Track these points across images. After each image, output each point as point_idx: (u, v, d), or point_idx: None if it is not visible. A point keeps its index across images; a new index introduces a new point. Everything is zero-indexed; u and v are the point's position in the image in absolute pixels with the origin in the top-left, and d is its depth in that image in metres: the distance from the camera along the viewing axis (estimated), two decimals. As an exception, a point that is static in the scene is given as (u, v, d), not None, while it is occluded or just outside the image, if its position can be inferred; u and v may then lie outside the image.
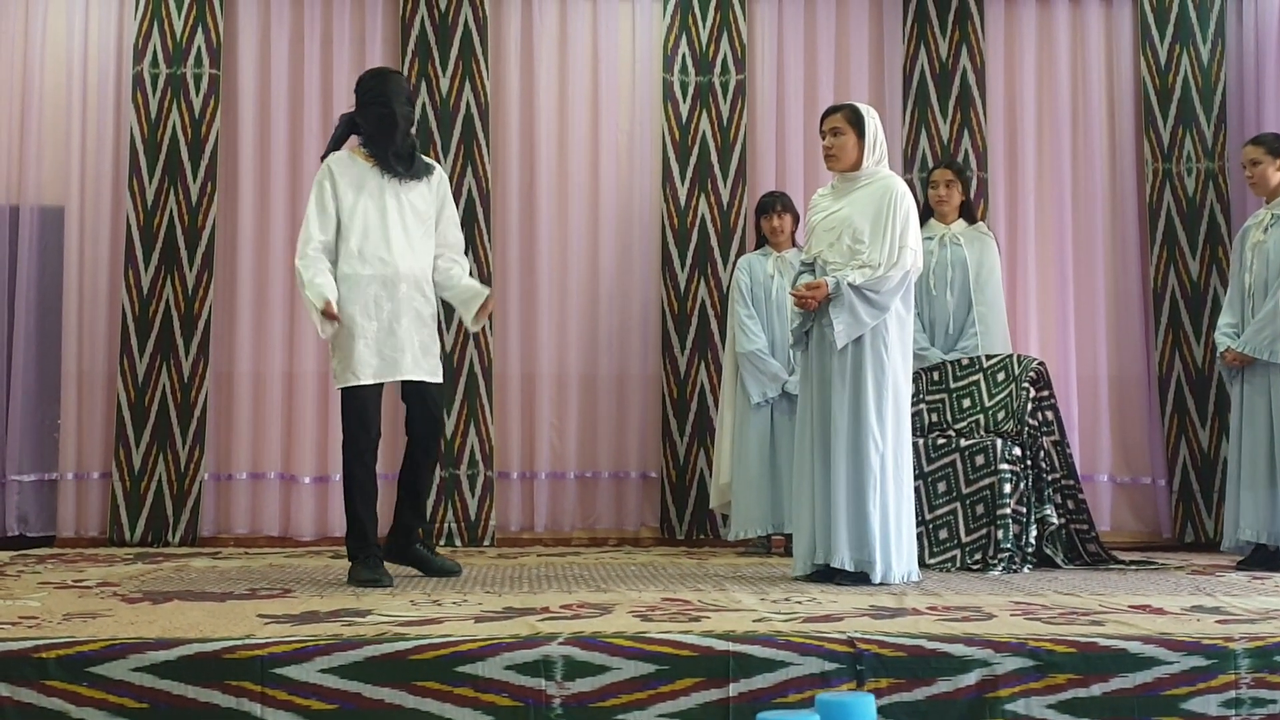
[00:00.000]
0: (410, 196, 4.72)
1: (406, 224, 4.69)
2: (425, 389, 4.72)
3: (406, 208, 4.71)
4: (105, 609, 3.80)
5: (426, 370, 4.71)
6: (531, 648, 3.05)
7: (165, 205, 6.58)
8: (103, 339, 6.60)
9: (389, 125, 4.66)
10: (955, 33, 6.95)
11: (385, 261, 4.64)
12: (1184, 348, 6.84)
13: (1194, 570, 5.37)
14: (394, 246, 4.65)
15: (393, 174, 4.68)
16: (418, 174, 4.75)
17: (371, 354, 4.60)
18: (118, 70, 6.71)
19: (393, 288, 4.63)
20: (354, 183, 4.67)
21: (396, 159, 4.68)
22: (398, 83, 4.76)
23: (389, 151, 4.67)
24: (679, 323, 6.75)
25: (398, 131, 4.66)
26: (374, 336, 4.61)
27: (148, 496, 6.46)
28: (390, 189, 4.68)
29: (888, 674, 3.07)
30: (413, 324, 4.67)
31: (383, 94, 4.67)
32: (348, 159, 4.73)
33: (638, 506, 6.79)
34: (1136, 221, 7.00)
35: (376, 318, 4.62)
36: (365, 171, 4.69)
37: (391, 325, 4.63)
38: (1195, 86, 6.97)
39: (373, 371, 4.61)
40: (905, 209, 4.76)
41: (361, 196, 4.65)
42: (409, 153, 4.74)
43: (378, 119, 4.68)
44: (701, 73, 6.87)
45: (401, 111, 4.68)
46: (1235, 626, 3.43)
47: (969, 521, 5.34)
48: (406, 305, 4.65)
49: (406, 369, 4.66)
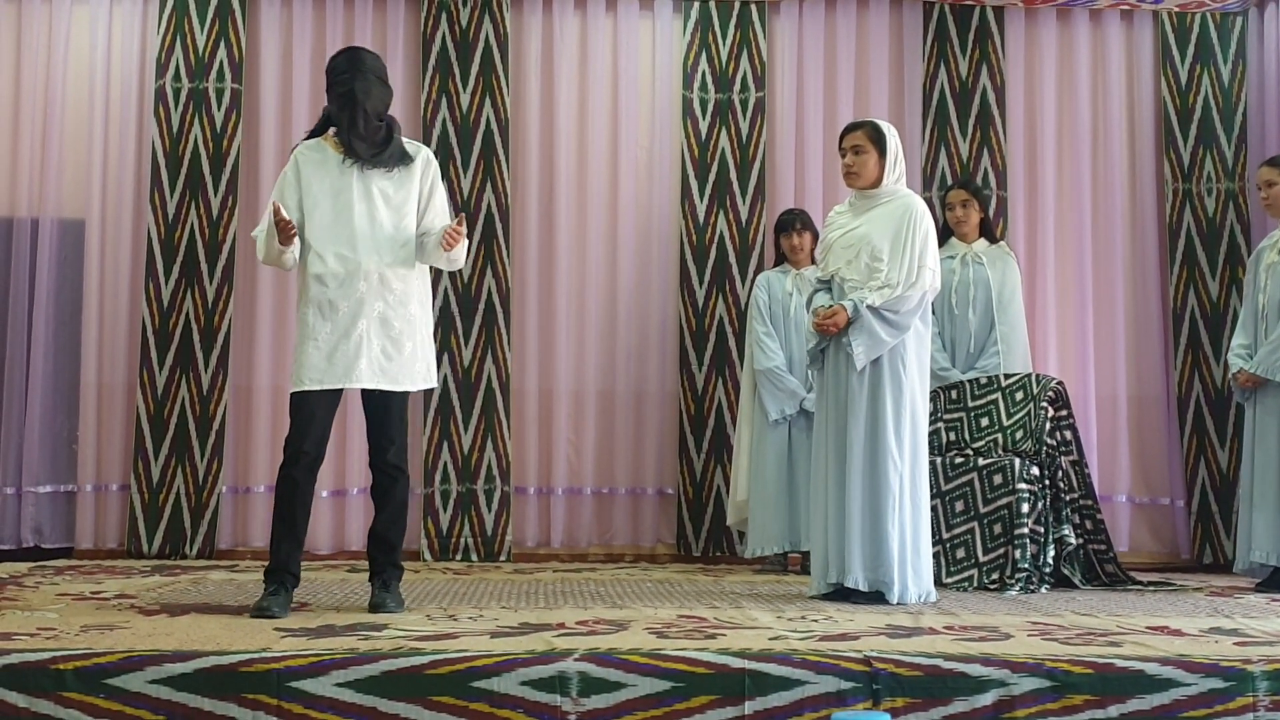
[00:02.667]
0: (382, 184, 4.27)
1: (374, 215, 4.24)
2: (388, 399, 4.24)
3: (376, 197, 4.25)
4: (122, 621, 3.82)
5: (389, 378, 4.21)
6: (547, 664, 3.05)
7: (186, 219, 6.61)
8: (122, 352, 6.63)
9: (348, 104, 4.21)
10: (975, 51, 6.95)
11: (344, 257, 4.20)
12: (1203, 368, 6.81)
13: (1212, 592, 5.34)
14: (357, 240, 4.21)
15: (355, 158, 4.24)
16: (391, 160, 4.28)
17: (321, 358, 4.16)
18: (140, 84, 6.75)
19: (350, 286, 4.18)
20: (319, 171, 4.28)
21: (359, 141, 4.22)
22: (363, 60, 4.28)
23: (352, 134, 4.22)
24: (697, 339, 6.75)
25: (358, 110, 4.20)
26: (326, 339, 4.17)
27: (166, 509, 6.48)
28: (359, 177, 4.25)
29: (904, 693, 3.06)
30: (374, 326, 4.19)
31: (344, 72, 4.24)
32: (316, 146, 4.35)
33: (654, 523, 6.78)
34: (1156, 241, 6.99)
35: (331, 318, 4.18)
36: (331, 159, 4.29)
37: (346, 328, 4.17)
38: (1216, 106, 6.96)
39: (320, 377, 4.16)
40: (925, 228, 4.76)
41: (325, 186, 4.25)
42: (379, 137, 4.28)
43: (339, 99, 4.24)
44: (721, 90, 6.88)
45: (361, 88, 4.20)
46: (1253, 649, 3.42)
47: (986, 541, 5.32)
48: (367, 305, 4.19)
49: (360, 376, 4.17)
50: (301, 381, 4.17)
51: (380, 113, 4.29)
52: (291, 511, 4.18)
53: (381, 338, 4.20)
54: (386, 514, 4.28)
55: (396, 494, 4.28)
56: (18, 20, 6.73)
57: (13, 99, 6.70)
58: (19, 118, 6.69)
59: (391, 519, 4.28)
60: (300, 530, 4.23)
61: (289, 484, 4.17)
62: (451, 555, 6.54)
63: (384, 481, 4.28)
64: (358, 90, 4.20)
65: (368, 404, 4.28)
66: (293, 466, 4.17)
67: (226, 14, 6.72)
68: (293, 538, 4.19)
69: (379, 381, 4.20)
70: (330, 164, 4.28)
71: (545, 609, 4.27)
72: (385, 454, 4.25)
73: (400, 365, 4.23)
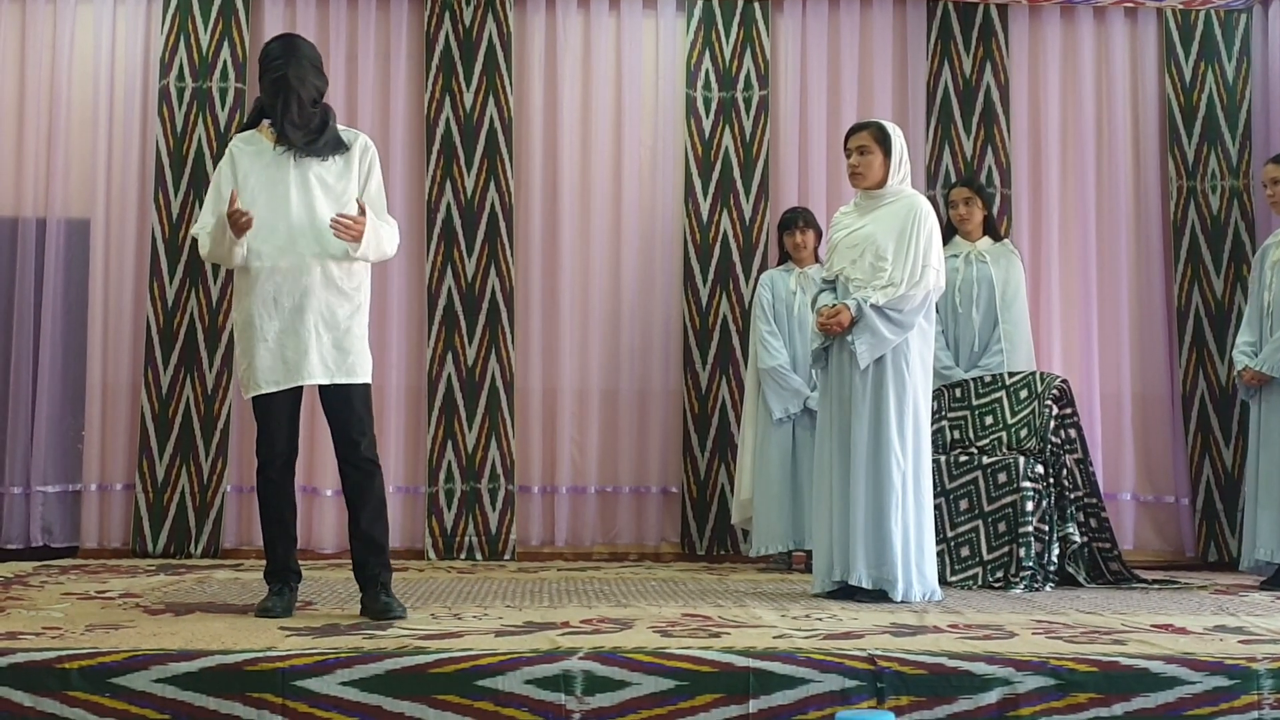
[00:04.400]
0: (319, 171, 4.10)
1: (312, 205, 4.07)
2: (349, 393, 4.08)
3: (314, 187, 4.09)
4: (128, 620, 3.82)
5: (341, 371, 4.06)
6: (551, 662, 3.05)
7: (190, 218, 6.60)
8: (127, 351, 6.64)
9: (282, 90, 4.04)
10: (979, 49, 6.95)
11: (283, 251, 4.03)
12: (1208, 366, 6.81)
13: (1217, 590, 5.34)
14: (294, 233, 4.04)
15: (289, 146, 4.06)
16: (326, 147, 4.11)
17: (274, 358, 4.03)
18: (144, 84, 6.75)
19: (293, 280, 4.03)
20: (254, 163, 4.11)
21: (293, 128, 4.05)
22: (298, 47, 4.13)
23: (285, 121, 4.05)
24: (700, 338, 6.75)
25: (292, 96, 4.04)
26: (275, 338, 4.03)
27: (171, 508, 6.49)
28: (294, 166, 4.08)
29: (908, 692, 3.06)
30: (320, 320, 4.04)
31: (278, 58, 4.08)
32: (250, 138, 4.19)
33: (658, 521, 6.78)
34: (1160, 239, 6.98)
35: (278, 315, 4.03)
36: (266, 149, 4.12)
37: (293, 324, 4.02)
38: (1220, 104, 6.96)
39: (275, 378, 4.04)
40: (929, 228, 4.76)
41: (261, 178, 4.08)
42: (314, 124, 4.10)
43: (272, 85, 4.07)
44: (725, 88, 6.88)
45: (295, 74, 4.05)
46: (1258, 647, 3.42)
47: (991, 539, 5.32)
48: (312, 299, 4.03)
49: (312, 372, 4.03)
50: (258, 386, 4.05)
51: (315, 99, 4.13)
52: (279, 512, 4.16)
53: (330, 331, 4.06)
54: (368, 512, 4.11)
55: (375, 490, 4.12)
56: (22, 20, 6.73)
57: (18, 99, 6.71)
58: (24, 118, 6.69)
59: (374, 516, 4.12)
60: (291, 527, 4.19)
61: (269, 486, 4.15)
62: (456, 554, 6.54)
63: (359, 478, 4.11)
64: (291, 76, 4.05)
65: (328, 401, 4.12)
66: (269, 469, 4.13)
67: (230, 14, 6.72)
68: (286, 536, 4.16)
69: (333, 376, 4.06)
70: (265, 154, 4.12)
71: (550, 608, 4.28)
72: (358, 448, 4.09)
73: (355, 357, 4.09)
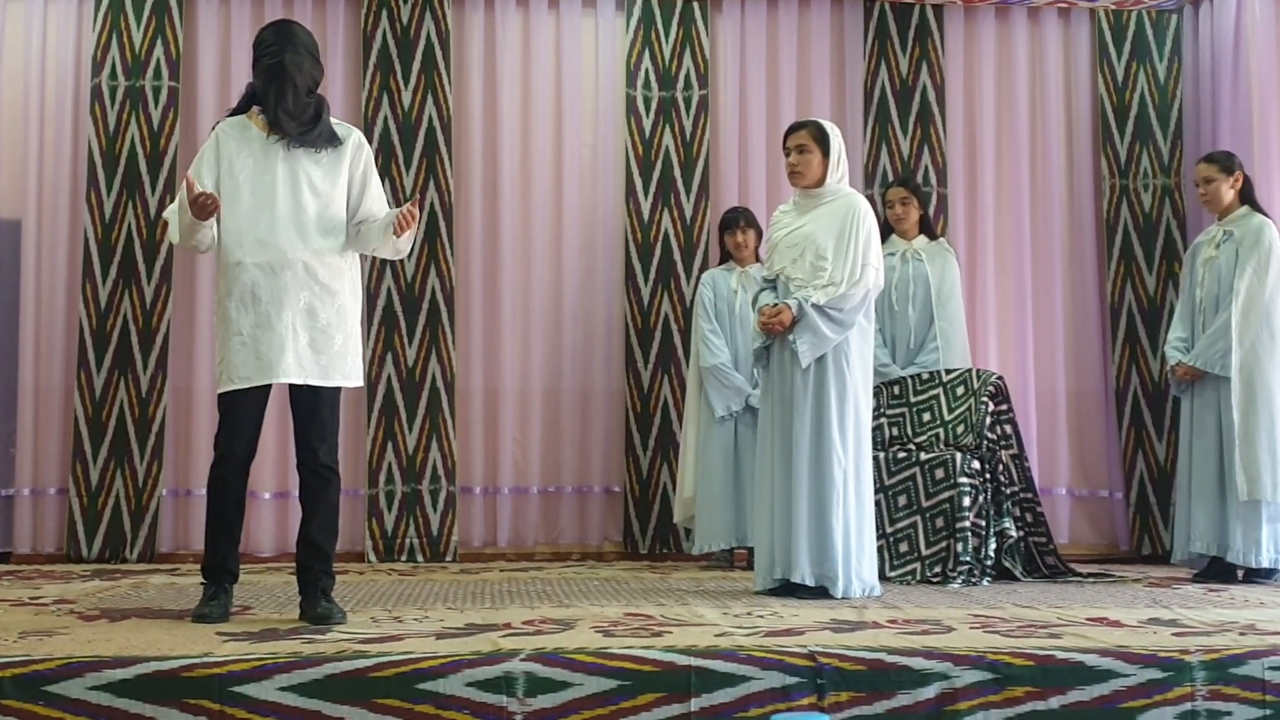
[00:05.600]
0: (308, 166, 4.00)
1: (299, 200, 3.98)
2: (317, 396, 3.99)
3: (301, 180, 3.99)
4: (62, 627, 3.77)
5: (316, 372, 3.96)
6: (493, 664, 3.04)
7: (124, 218, 6.53)
8: (60, 353, 6.54)
9: (277, 77, 3.94)
10: (915, 49, 7.00)
11: (265, 244, 3.93)
12: (1140, 362, 6.90)
13: (1151, 583, 5.42)
14: (279, 227, 3.94)
15: (283, 135, 3.96)
16: (320, 140, 4.01)
17: (248, 354, 3.91)
18: (76, 82, 6.66)
19: (273, 275, 3.92)
20: (241, 150, 4.00)
21: (287, 117, 3.95)
22: (294, 33, 4.02)
23: (279, 109, 3.94)
24: (642, 337, 6.75)
25: (288, 84, 3.94)
26: (250, 333, 3.92)
27: (105, 513, 6.40)
28: (284, 158, 3.98)
29: (848, 688, 3.08)
30: (298, 318, 3.93)
31: (273, 44, 3.97)
32: (239, 124, 4.06)
33: (601, 521, 6.79)
34: (1094, 237, 7.07)
35: (253, 310, 3.92)
36: (255, 138, 4.01)
37: (270, 320, 3.91)
38: (1152, 103, 7.05)
39: (248, 374, 3.92)
40: (868, 227, 4.80)
41: (247, 166, 3.98)
42: (308, 115, 4.00)
43: (266, 72, 3.96)
44: (664, 88, 6.89)
45: (292, 61, 3.94)
46: (1191, 639, 3.47)
47: (929, 534, 5.37)
48: (291, 295, 3.92)
49: (286, 370, 3.92)
50: (230, 381, 3.94)
51: (310, 89, 4.04)
52: (225, 512, 4.03)
53: (309, 330, 3.95)
54: (319, 519, 4.04)
55: (329, 497, 4.05)
56: (-50, 18, 6.63)
57: (-54, 98, 6.61)
58: (-48, 117, 6.59)
59: (324, 524, 4.05)
60: (235, 529, 4.08)
61: (220, 485, 4.01)
62: (396, 556, 6.51)
63: (315, 484, 4.03)
64: (288, 63, 3.94)
65: (296, 401, 4.03)
66: (223, 468, 4.01)
67: (163, 11, 6.64)
68: (229, 537, 4.04)
69: (307, 376, 3.95)
70: (254, 143, 4.01)
71: (491, 609, 4.27)
72: (316, 454, 4.01)
73: (330, 359, 3.98)
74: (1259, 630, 3.70)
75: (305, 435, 4.04)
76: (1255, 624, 3.86)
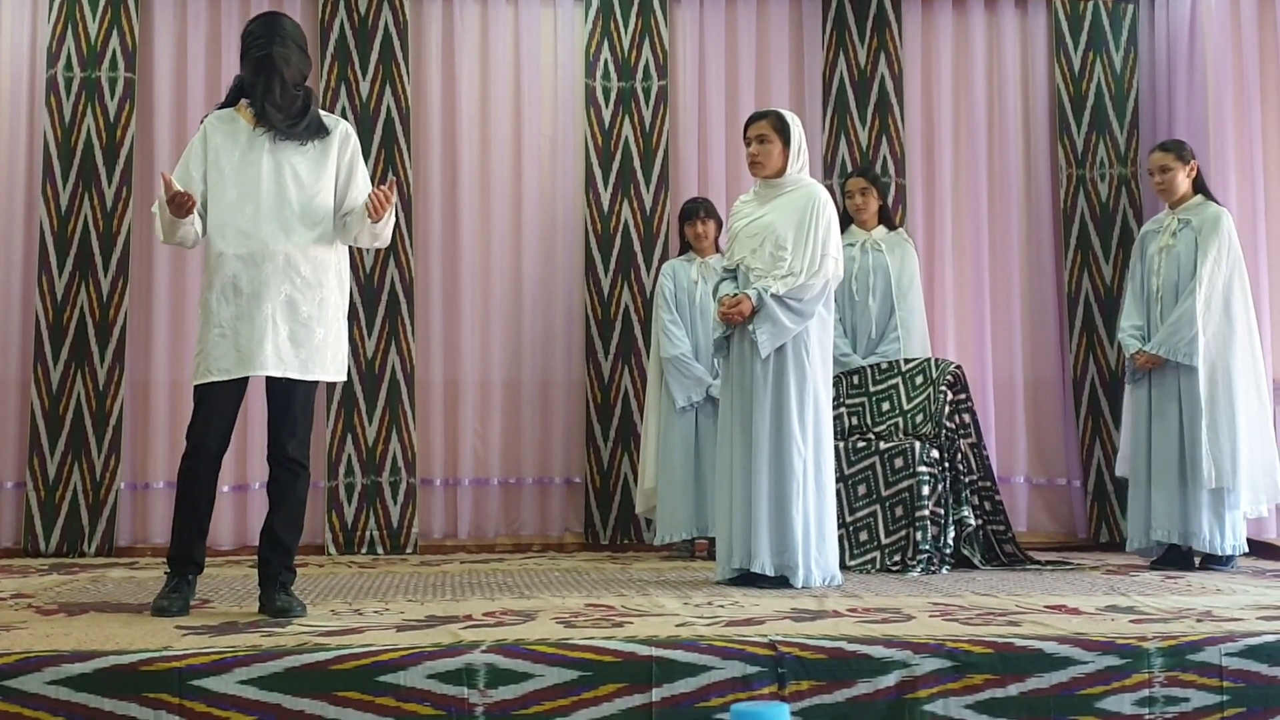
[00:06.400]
0: (294, 158, 3.99)
1: (283, 192, 3.96)
2: (292, 389, 3.96)
3: (286, 173, 3.98)
4: (19, 621, 3.74)
5: (295, 365, 3.93)
6: (454, 656, 3.04)
7: (80, 210, 6.47)
8: (15, 346, 6.48)
9: (265, 69, 3.94)
10: (874, 40, 7.03)
11: (247, 236, 3.92)
12: (1098, 351, 6.95)
13: (1108, 570, 5.46)
14: (261, 218, 3.93)
15: (270, 127, 3.96)
16: (307, 132, 4.01)
17: (228, 345, 3.89)
18: (31, 73, 6.59)
19: (255, 268, 3.91)
20: (228, 142, 4.00)
21: (274, 109, 3.95)
22: (282, 25, 4.02)
23: (266, 101, 3.94)
24: (603, 328, 6.75)
25: (275, 76, 3.94)
26: (229, 325, 3.89)
27: (63, 506, 6.35)
28: (270, 150, 3.98)
29: (808, 676, 3.10)
30: (280, 310, 3.91)
31: (260, 36, 3.97)
32: (227, 116, 4.06)
33: (562, 512, 6.78)
34: (1051, 226, 7.12)
35: (234, 301, 3.90)
36: (242, 130, 4.01)
37: (249, 312, 3.89)
38: (1108, 93, 7.10)
39: (227, 366, 3.89)
40: (828, 217, 4.81)
41: (233, 158, 3.97)
42: (296, 107, 4.00)
43: (254, 64, 3.96)
44: (623, 78, 6.88)
45: (280, 53, 3.94)
46: (1149, 626, 3.51)
47: (888, 523, 5.40)
48: (271, 287, 3.90)
49: (265, 363, 3.88)
50: (208, 372, 3.91)
51: (298, 81, 4.03)
52: (194, 504, 3.97)
53: (289, 322, 3.92)
54: (284, 514, 4.02)
55: (296, 491, 4.02)
56: (-100, 7, 6.54)
57: (-104, 88, 6.52)
58: (-97, 107, 6.51)
59: (288, 518, 4.02)
60: (205, 521, 4.01)
61: (190, 477, 3.94)
62: (356, 549, 6.49)
63: (283, 477, 4.01)
64: (275, 55, 3.94)
65: (271, 393, 4.00)
66: (195, 459, 3.94)
67: (119, 2, 6.57)
68: (196, 527, 3.98)
69: (286, 369, 3.92)
70: (241, 135, 4.00)
71: (452, 601, 4.26)
72: (285, 448, 3.98)
73: (310, 353, 3.95)
74: (1216, 617, 3.74)
75: (277, 429, 4.01)
76: (1212, 611, 3.90)
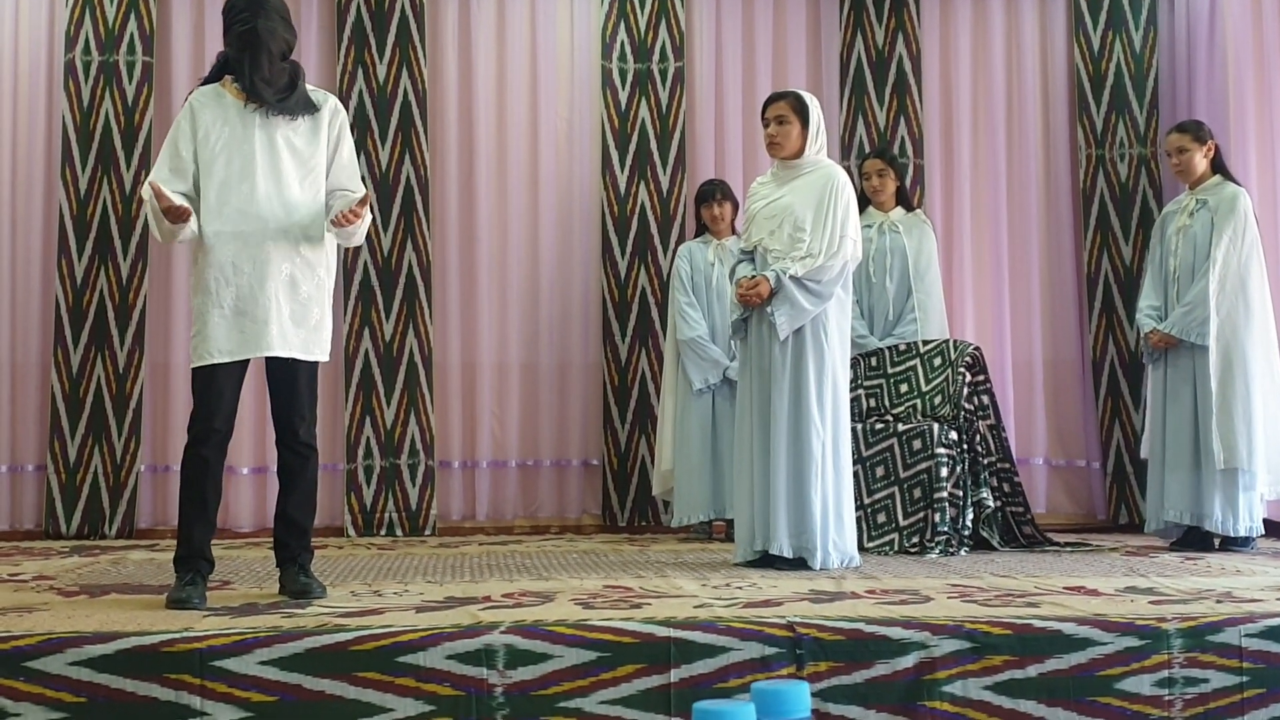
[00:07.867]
0: (287, 133, 3.89)
1: (279, 168, 3.87)
2: (297, 370, 3.90)
3: (280, 148, 3.88)
4: (41, 603, 3.76)
5: (298, 345, 3.86)
6: (473, 637, 3.05)
7: (99, 194, 6.49)
8: (36, 330, 6.51)
9: (250, 43, 3.82)
10: (891, 20, 7.00)
11: (246, 214, 3.82)
12: (1117, 331, 6.93)
13: (1128, 552, 5.45)
14: (258, 196, 3.83)
15: (259, 102, 3.84)
16: (297, 106, 3.90)
17: (229, 327, 3.79)
18: (49, 58, 6.61)
19: (255, 246, 3.81)
20: (217, 119, 3.87)
21: (263, 84, 3.83)
22: None
23: (255, 76, 3.82)
24: (620, 310, 6.75)
25: (262, 50, 3.82)
26: (231, 306, 3.80)
27: (84, 489, 6.38)
28: (260, 125, 3.86)
29: (827, 658, 3.09)
30: (281, 289, 3.83)
31: (244, 10, 3.84)
32: (213, 93, 3.92)
33: (579, 494, 6.80)
34: (1070, 207, 7.09)
35: (235, 282, 3.80)
36: (231, 105, 3.88)
37: (252, 291, 3.80)
38: (1128, 73, 7.06)
39: (229, 349, 3.81)
40: (846, 198, 4.79)
41: (225, 135, 3.85)
42: (283, 81, 3.89)
43: (239, 39, 3.85)
44: (640, 60, 6.87)
45: (265, 27, 3.82)
46: (1168, 607, 3.49)
47: (906, 505, 5.39)
48: (274, 265, 3.82)
49: (271, 344, 3.81)
50: (209, 355, 3.80)
51: (284, 54, 3.92)
52: (202, 493, 3.84)
53: (290, 302, 3.85)
54: (298, 495, 3.98)
55: (308, 474, 3.98)
56: (-81, -8, 6.57)
57: (-84, 73, 6.54)
58: (-77, 92, 6.53)
59: (302, 501, 3.99)
60: (212, 512, 3.88)
61: (199, 463, 3.82)
62: (376, 530, 6.51)
63: (294, 461, 3.96)
64: (261, 29, 3.82)
65: (274, 375, 3.92)
66: (202, 445, 3.82)
67: (136, -15, 6.60)
68: (205, 520, 3.85)
69: (291, 349, 3.85)
70: (230, 112, 3.88)
71: (471, 582, 4.27)
72: (296, 432, 3.93)
73: (308, 333, 3.89)
74: (1235, 598, 3.72)
75: (286, 413, 3.95)
76: (1232, 592, 3.89)
